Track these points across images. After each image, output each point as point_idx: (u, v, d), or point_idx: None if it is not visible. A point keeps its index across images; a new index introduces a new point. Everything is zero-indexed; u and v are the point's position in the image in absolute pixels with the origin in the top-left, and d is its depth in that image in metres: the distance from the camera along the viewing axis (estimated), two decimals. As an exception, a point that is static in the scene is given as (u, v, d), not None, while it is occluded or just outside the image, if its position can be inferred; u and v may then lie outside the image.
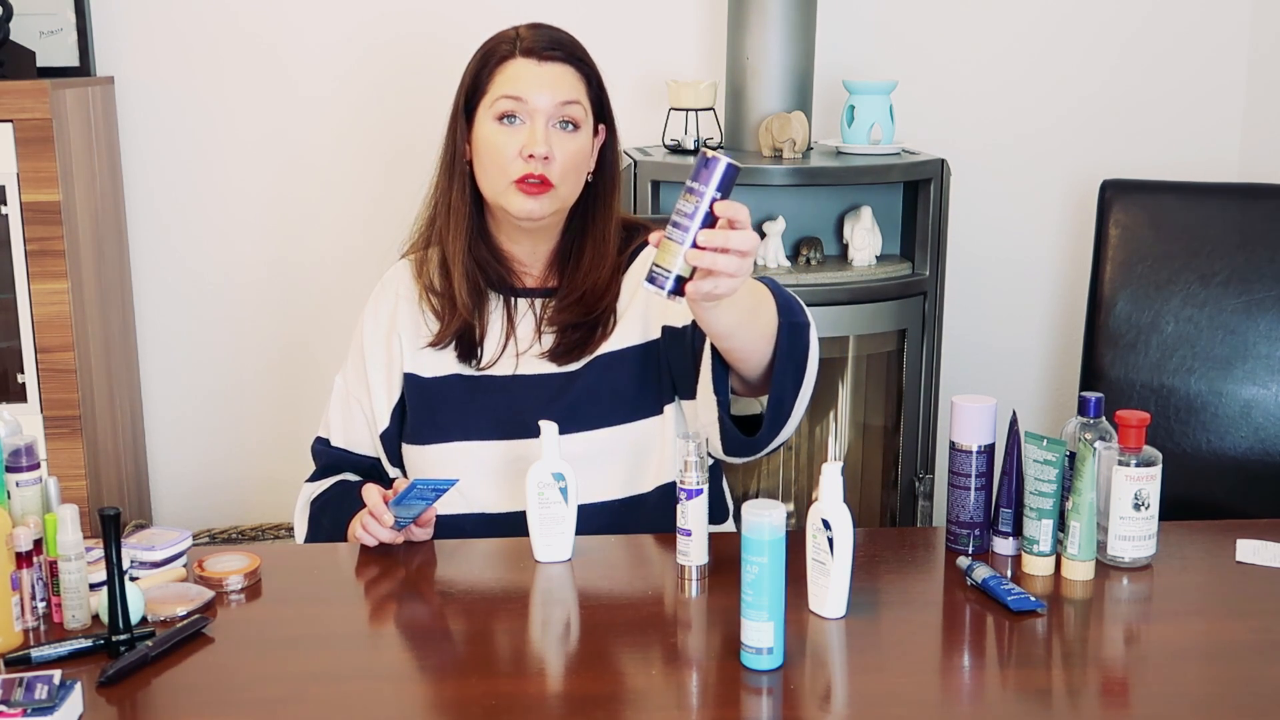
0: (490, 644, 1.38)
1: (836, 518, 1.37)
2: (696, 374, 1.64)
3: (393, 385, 1.75)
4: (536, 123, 1.66)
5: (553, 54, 1.68)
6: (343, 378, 1.81)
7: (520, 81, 1.66)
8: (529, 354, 1.73)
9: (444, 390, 1.72)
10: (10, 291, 2.47)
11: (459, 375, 1.73)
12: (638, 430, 1.71)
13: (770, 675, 1.27)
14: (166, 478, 2.98)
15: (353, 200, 2.89)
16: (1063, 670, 1.34)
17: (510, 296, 1.75)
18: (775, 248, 2.58)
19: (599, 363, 1.72)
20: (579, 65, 1.70)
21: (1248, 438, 2.20)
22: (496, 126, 1.67)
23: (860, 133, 2.63)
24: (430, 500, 1.55)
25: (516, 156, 1.65)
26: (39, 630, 1.37)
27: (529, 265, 1.76)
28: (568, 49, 1.70)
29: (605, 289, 1.73)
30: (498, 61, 1.69)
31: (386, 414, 1.75)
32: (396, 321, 1.76)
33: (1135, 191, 2.30)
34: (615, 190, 1.77)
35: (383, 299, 1.79)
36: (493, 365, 1.72)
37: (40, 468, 1.40)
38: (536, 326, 1.74)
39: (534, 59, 1.67)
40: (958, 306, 2.90)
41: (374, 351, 1.77)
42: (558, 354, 1.72)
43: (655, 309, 1.73)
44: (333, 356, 2.76)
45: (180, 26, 2.80)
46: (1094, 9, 2.92)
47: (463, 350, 1.73)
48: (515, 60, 1.68)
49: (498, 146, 1.66)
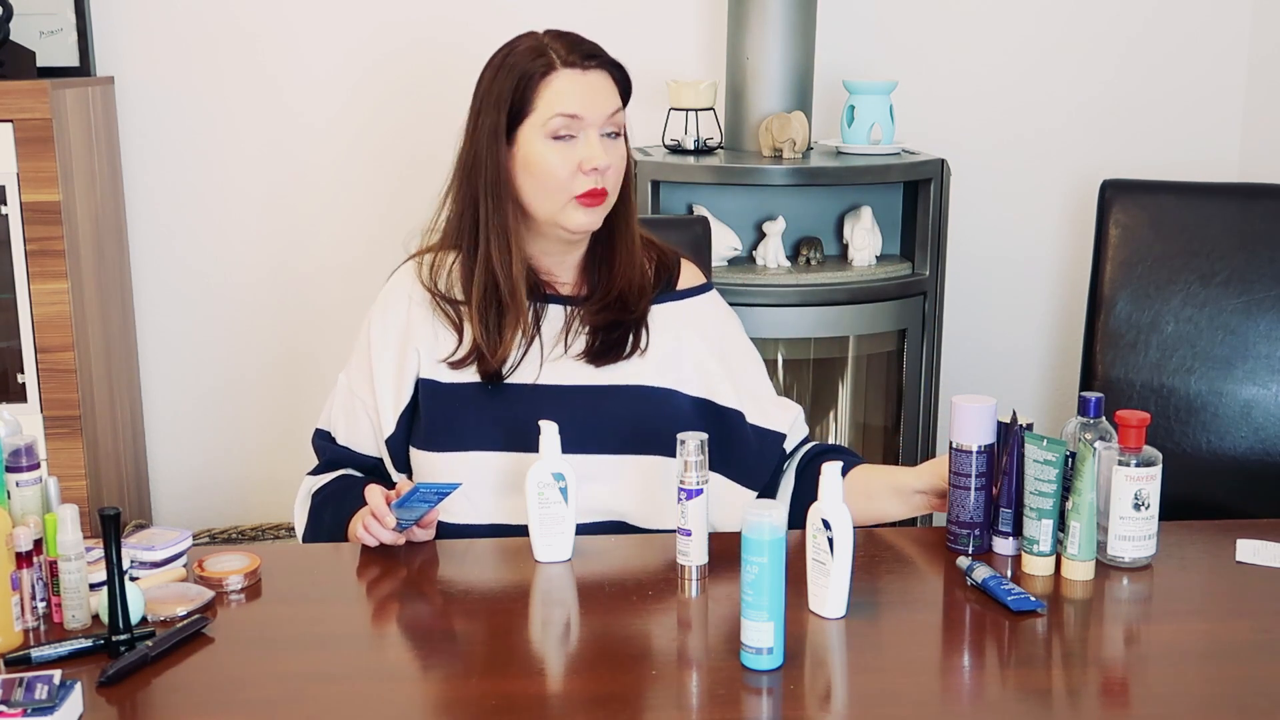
0: (490, 644, 1.38)
1: (836, 518, 1.37)
2: (761, 472, 1.75)
3: (402, 391, 1.71)
4: (591, 135, 1.63)
5: (593, 62, 1.66)
6: (346, 376, 1.77)
7: (572, 97, 1.63)
8: (554, 359, 1.70)
9: (462, 397, 1.69)
10: (10, 291, 2.47)
11: (477, 383, 1.69)
12: (654, 464, 1.69)
13: (770, 675, 1.27)
14: (166, 478, 2.98)
15: (352, 200, 2.89)
16: (1063, 670, 1.34)
17: (539, 303, 1.72)
18: (775, 248, 2.58)
19: (628, 392, 1.70)
20: (615, 70, 1.69)
21: (1248, 438, 2.19)
22: (550, 145, 1.63)
23: (860, 133, 2.63)
24: (433, 503, 1.55)
25: (576, 172, 1.63)
26: (39, 630, 1.37)
27: (558, 274, 1.74)
28: (603, 54, 1.68)
29: (640, 290, 1.73)
30: (540, 76, 1.64)
31: (393, 420, 1.72)
32: (411, 329, 1.71)
33: (1135, 191, 2.30)
34: (632, 186, 1.76)
35: (391, 303, 1.75)
36: (514, 371, 1.69)
37: (40, 468, 1.40)
38: (565, 330, 1.72)
39: (577, 70, 1.64)
40: (958, 306, 2.90)
41: (382, 355, 1.73)
42: (595, 354, 1.69)
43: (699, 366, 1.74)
44: (332, 355, 2.76)
45: (180, 26, 2.80)
46: (1095, 9, 2.92)
47: (485, 369, 1.68)
48: (559, 73, 1.64)
49: (554, 165, 1.63)
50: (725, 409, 1.75)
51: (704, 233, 2.10)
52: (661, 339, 1.74)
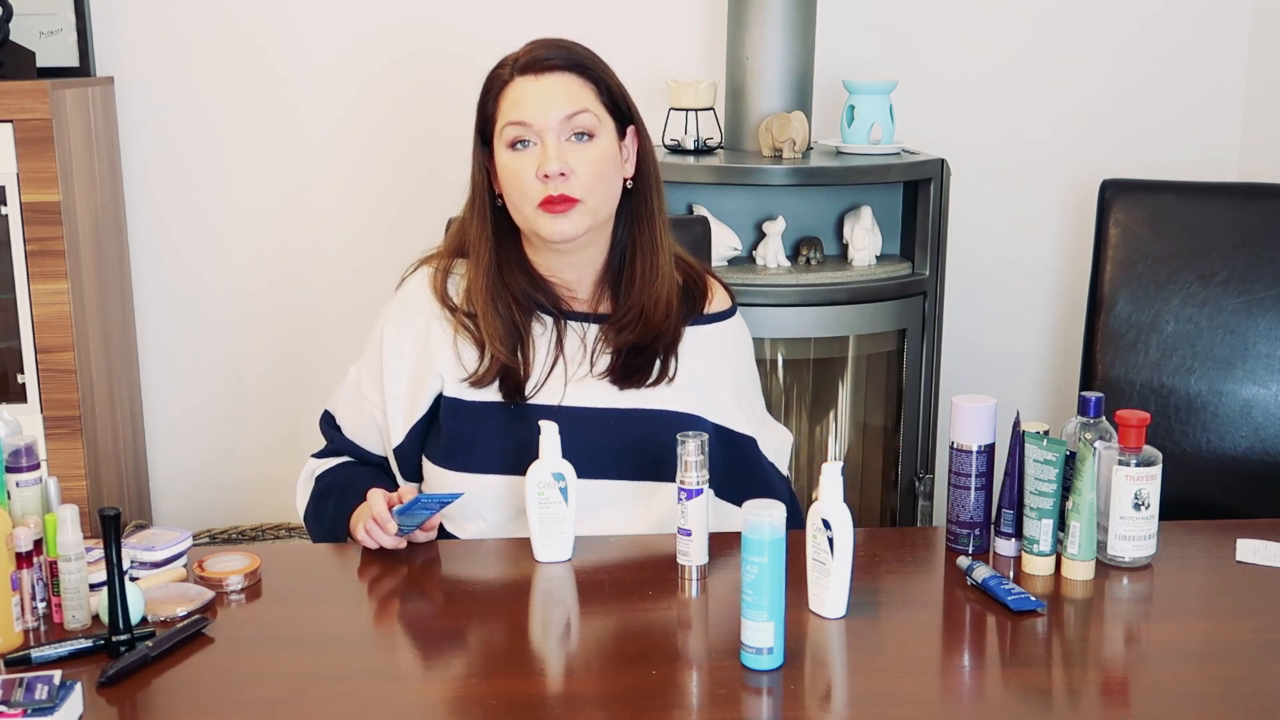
0: (490, 644, 1.39)
1: (836, 518, 1.37)
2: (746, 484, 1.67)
3: (416, 405, 1.68)
4: (547, 141, 1.61)
5: (549, 64, 1.63)
6: (356, 373, 1.74)
7: (520, 104, 1.62)
8: (578, 378, 1.67)
9: (485, 415, 1.66)
10: (10, 291, 2.47)
11: (501, 403, 1.66)
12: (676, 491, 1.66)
13: (770, 675, 1.27)
14: (166, 478, 2.98)
15: (352, 201, 2.89)
16: (1063, 670, 1.34)
17: (561, 319, 1.69)
18: (775, 248, 2.58)
19: (653, 417, 1.67)
20: (581, 71, 1.65)
21: (1248, 438, 2.19)
22: (511, 154, 1.63)
23: (860, 133, 2.63)
24: (434, 510, 1.55)
25: (534, 179, 1.61)
26: (39, 630, 1.37)
27: (576, 289, 1.71)
28: (565, 56, 1.64)
29: (666, 309, 1.68)
30: (500, 88, 1.64)
31: (402, 430, 1.69)
32: (432, 345, 1.68)
33: (1135, 191, 2.30)
34: (655, 193, 1.71)
35: (410, 311, 1.71)
36: (538, 391, 1.66)
37: (40, 468, 1.40)
38: (588, 351, 1.69)
39: (530, 75, 1.63)
40: (958, 306, 2.90)
41: (395, 364, 1.69)
42: (619, 376, 1.66)
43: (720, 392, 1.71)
44: (332, 354, 2.77)
45: (180, 27, 2.80)
46: (1095, 10, 2.92)
47: (507, 388, 1.65)
48: (513, 83, 1.63)
49: (515, 172, 1.62)
50: (739, 435, 1.72)
51: (704, 233, 2.11)
52: (687, 362, 1.71)
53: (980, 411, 1.54)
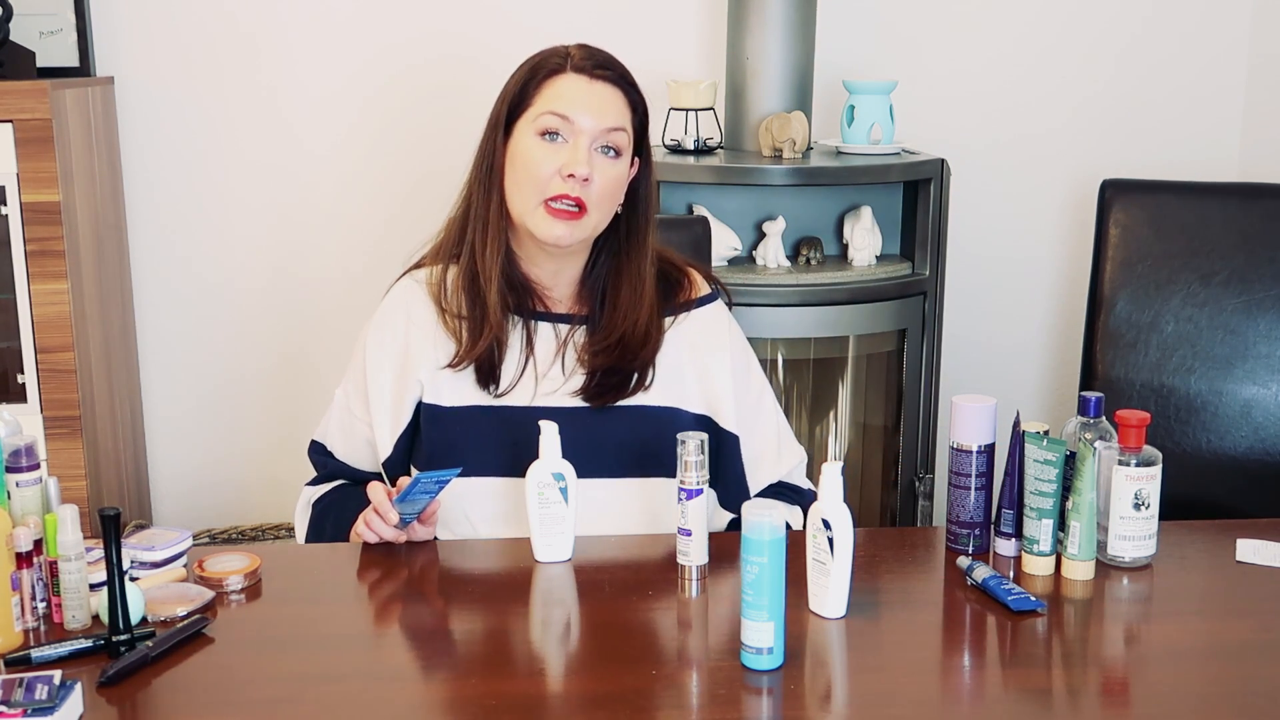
0: (490, 644, 1.39)
1: (836, 518, 1.37)
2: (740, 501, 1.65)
3: (400, 415, 1.69)
4: (580, 143, 1.61)
5: (603, 73, 1.64)
6: (343, 392, 1.75)
7: (568, 98, 1.62)
8: (553, 385, 1.67)
9: (463, 420, 1.66)
10: (10, 291, 2.47)
11: (478, 406, 1.66)
12: (659, 485, 1.67)
13: (770, 675, 1.27)
14: (166, 478, 2.98)
15: (352, 200, 2.89)
16: (1063, 670, 1.34)
17: (531, 320, 1.69)
18: (775, 248, 2.58)
19: (631, 413, 1.68)
20: (628, 90, 1.66)
21: (1248, 438, 2.20)
22: (537, 141, 1.62)
23: (860, 133, 2.63)
24: (434, 494, 1.55)
25: (555, 175, 1.60)
26: (39, 630, 1.37)
27: (552, 290, 1.71)
28: (620, 72, 1.66)
29: (645, 335, 1.68)
30: (546, 75, 1.64)
31: (389, 443, 1.69)
32: (410, 351, 1.69)
33: (1135, 191, 2.30)
34: (649, 226, 1.72)
35: (388, 323, 1.71)
36: (510, 390, 1.67)
37: (40, 468, 1.40)
38: (559, 352, 1.69)
39: (584, 75, 1.63)
40: (958, 306, 2.90)
41: (377, 376, 1.70)
42: (593, 395, 1.67)
43: (703, 382, 1.71)
44: (332, 355, 2.76)
45: (180, 27, 2.80)
46: (1094, 9, 2.92)
47: (481, 375, 1.66)
48: (565, 75, 1.63)
49: (535, 162, 1.61)
50: (724, 431, 1.72)
51: (704, 233, 2.10)
52: (664, 355, 1.71)
53: (980, 411, 1.55)
